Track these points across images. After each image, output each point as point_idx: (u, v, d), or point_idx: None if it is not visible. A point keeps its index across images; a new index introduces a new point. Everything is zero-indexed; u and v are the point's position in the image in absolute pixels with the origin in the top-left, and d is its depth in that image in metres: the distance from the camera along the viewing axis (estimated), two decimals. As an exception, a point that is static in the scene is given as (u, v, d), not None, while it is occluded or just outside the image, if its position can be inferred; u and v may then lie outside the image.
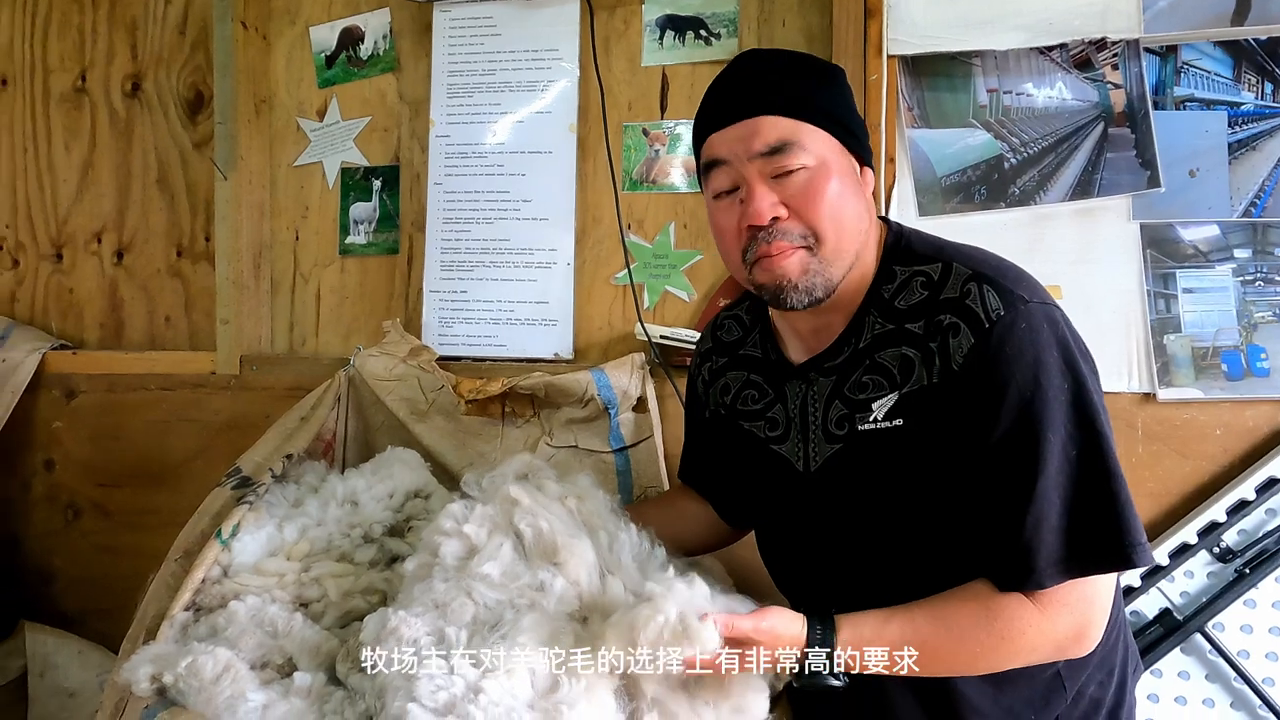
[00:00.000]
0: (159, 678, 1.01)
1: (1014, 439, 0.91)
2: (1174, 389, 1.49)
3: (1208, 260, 1.51)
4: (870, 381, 1.00)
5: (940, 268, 0.98)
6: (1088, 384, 0.92)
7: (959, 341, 0.93)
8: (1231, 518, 1.44)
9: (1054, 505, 0.90)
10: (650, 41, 1.73)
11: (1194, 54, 1.52)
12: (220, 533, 1.25)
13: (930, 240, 1.05)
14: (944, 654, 0.93)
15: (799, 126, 0.97)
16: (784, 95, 0.98)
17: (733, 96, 1.01)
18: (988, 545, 0.93)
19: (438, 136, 1.83)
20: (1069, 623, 0.92)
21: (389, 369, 1.71)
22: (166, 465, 1.92)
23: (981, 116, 1.59)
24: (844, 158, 1.00)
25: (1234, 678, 1.44)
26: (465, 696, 0.89)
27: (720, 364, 1.21)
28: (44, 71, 2.07)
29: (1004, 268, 0.98)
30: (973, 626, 0.92)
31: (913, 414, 0.96)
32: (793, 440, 1.08)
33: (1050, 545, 0.90)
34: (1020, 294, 0.93)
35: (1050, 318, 0.94)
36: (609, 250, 1.76)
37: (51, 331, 2.07)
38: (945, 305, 0.95)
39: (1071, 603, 0.91)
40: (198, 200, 2.01)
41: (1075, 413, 0.91)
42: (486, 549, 1.03)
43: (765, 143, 0.97)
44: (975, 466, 0.93)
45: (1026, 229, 1.56)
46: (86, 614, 1.94)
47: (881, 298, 1.01)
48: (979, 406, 0.92)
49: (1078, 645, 0.94)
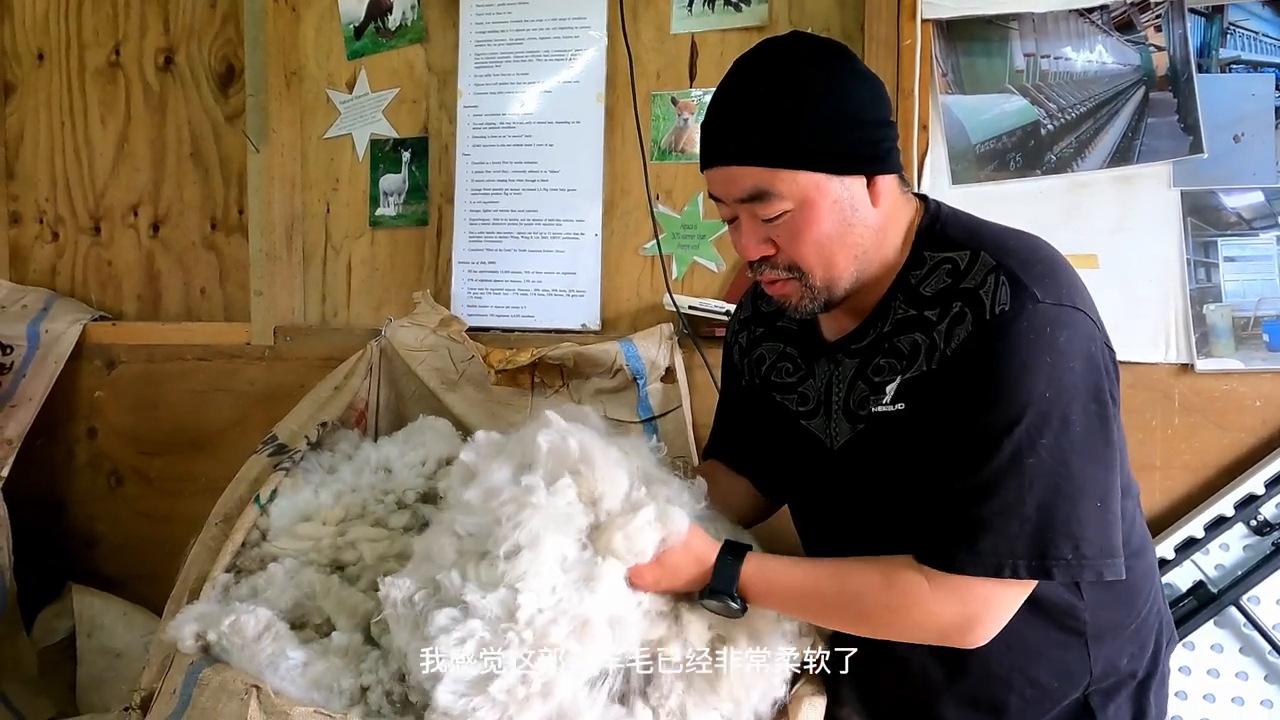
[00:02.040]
0: (203, 635, 1.04)
1: (977, 429, 0.91)
2: (1213, 359, 1.46)
3: (1251, 228, 1.47)
4: (886, 364, 1.00)
5: (969, 255, 0.96)
6: (1073, 398, 0.90)
7: (960, 330, 0.93)
8: (1270, 490, 1.42)
9: (987, 501, 0.90)
10: (679, 8, 1.71)
11: (1241, 14, 1.47)
12: (258, 498, 1.28)
13: (966, 224, 1.03)
14: (834, 609, 0.99)
15: (771, 174, 0.94)
16: (752, 145, 0.95)
17: (708, 141, 1.00)
18: (923, 517, 0.94)
19: (465, 107, 1.83)
20: (957, 613, 0.92)
21: (420, 339, 1.72)
22: (204, 433, 1.96)
23: (1018, 81, 1.55)
24: (829, 188, 0.95)
25: (1269, 651, 1.42)
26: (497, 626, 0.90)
27: (758, 334, 1.21)
28: (79, 46, 2.10)
29: (1033, 261, 0.95)
30: (867, 590, 0.96)
31: (912, 398, 0.97)
32: (820, 417, 1.08)
33: (965, 535, 0.90)
34: (1035, 291, 0.91)
35: (1058, 322, 0.90)
36: (637, 221, 1.75)
37: (91, 303, 2.11)
38: (961, 294, 0.94)
39: (964, 595, 0.91)
40: (230, 173, 2.03)
41: (1048, 423, 0.89)
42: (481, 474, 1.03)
43: (743, 189, 0.96)
44: (940, 445, 0.94)
45: (1063, 197, 1.53)
46: (129, 578, 2.00)
47: (909, 283, 1.00)
48: (959, 393, 0.92)
49: (963, 637, 0.94)
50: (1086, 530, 0.90)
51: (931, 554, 0.93)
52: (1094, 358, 0.93)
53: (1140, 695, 1.07)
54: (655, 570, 0.99)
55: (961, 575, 0.91)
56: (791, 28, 1.66)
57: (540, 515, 0.96)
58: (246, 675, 0.99)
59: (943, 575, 0.92)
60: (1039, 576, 0.91)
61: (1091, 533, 0.90)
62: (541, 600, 0.92)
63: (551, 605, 0.92)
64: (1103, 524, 0.91)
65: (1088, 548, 0.90)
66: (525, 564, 0.93)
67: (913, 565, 0.94)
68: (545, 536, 0.95)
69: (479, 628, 0.91)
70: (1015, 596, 0.94)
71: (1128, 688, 1.06)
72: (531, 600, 0.92)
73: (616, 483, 1.00)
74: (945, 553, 0.92)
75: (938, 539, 0.93)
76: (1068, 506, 0.89)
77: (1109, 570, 0.91)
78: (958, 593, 0.92)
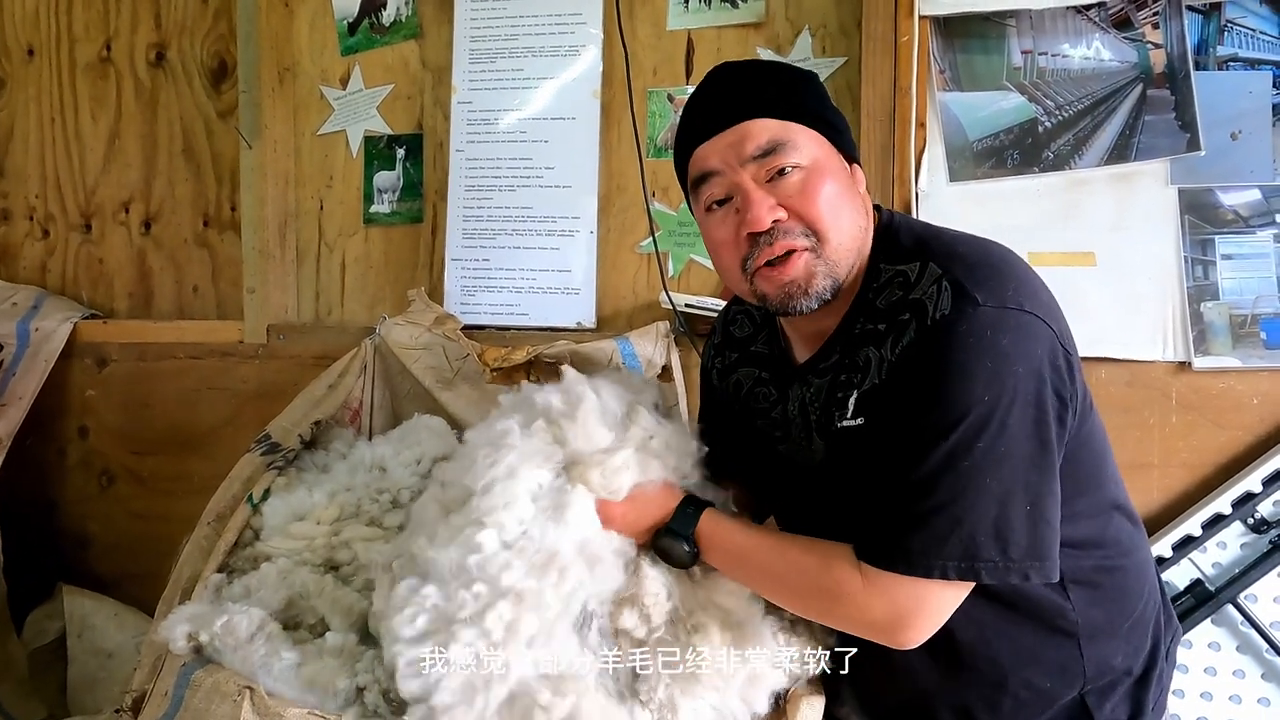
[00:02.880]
0: (195, 636, 1.03)
1: (915, 431, 0.90)
2: (1210, 357, 1.46)
3: (1248, 225, 1.47)
4: (846, 380, 1.00)
5: (918, 267, 0.96)
6: (1013, 401, 0.89)
7: (905, 337, 0.93)
8: (1267, 488, 1.42)
9: (921, 501, 0.89)
10: (675, 5, 1.70)
11: (1238, 11, 1.47)
12: (251, 497, 1.27)
13: (916, 232, 1.03)
14: (772, 580, 1.01)
15: (789, 126, 0.97)
16: (770, 97, 0.98)
17: (717, 105, 1.00)
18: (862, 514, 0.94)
19: (460, 103, 1.82)
20: (887, 610, 0.92)
21: (414, 337, 1.71)
22: (197, 432, 1.95)
23: (1015, 79, 1.55)
24: (834, 157, 1.00)
25: (1266, 649, 1.42)
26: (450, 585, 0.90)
27: (732, 360, 1.21)
28: (69, 41, 2.08)
29: (981, 266, 0.94)
30: (805, 570, 0.98)
31: (868, 411, 0.97)
32: (795, 439, 1.09)
33: (899, 535, 0.90)
34: (976, 296, 0.90)
35: (1000, 324, 0.89)
36: (633, 218, 1.75)
37: (82, 301, 2.09)
38: (909, 304, 0.94)
39: (895, 594, 0.91)
40: (223, 170, 2.01)
41: (985, 426, 0.88)
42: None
43: (757, 145, 0.96)
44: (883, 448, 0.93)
45: (1060, 195, 1.53)
46: (121, 578, 1.98)
47: (866, 298, 1.01)
48: (900, 397, 0.92)
49: (893, 636, 0.93)
50: (1014, 534, 0.89)
51: (866, 550, 0.93)
52: (1037, 360, 0.91)
53: (1137, 693, 1.06)
54: (623, 506, 1.02)
55: (893, 573, 0.91)
56: (788, 24, 1.66)
57: (515, 452, 0.99)
58: (239, 676, 0.98)
59: (875, 572, 0.92)
60: (968, 578, 0.90)
61: (1020, 536, 0.89)
62: (507, 533, 0.93)
63: (516, 537, 0.93)
64: (1032, 527, 0.90)
65: (1015, 550, 0.89)
66: (498, 495, 0.95)
67: (850, 558, 0.94)
68: (520, 468, 0.98)
69: (432, 594, 0.91)
70: (948, 598, 0.93)
71: (1124, 686, 1.06)
72: (492, 538, 0.92)
73: (593, 434, 1.03)
74: (879, 550, 0.92)
75: (873, 536, 0.93)
76: (997, 509, 0.89)
77: (1036, 573, 0.90)
78: (889, 591, 0.91)
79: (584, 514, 0.98)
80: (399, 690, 0.90)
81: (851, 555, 0.94)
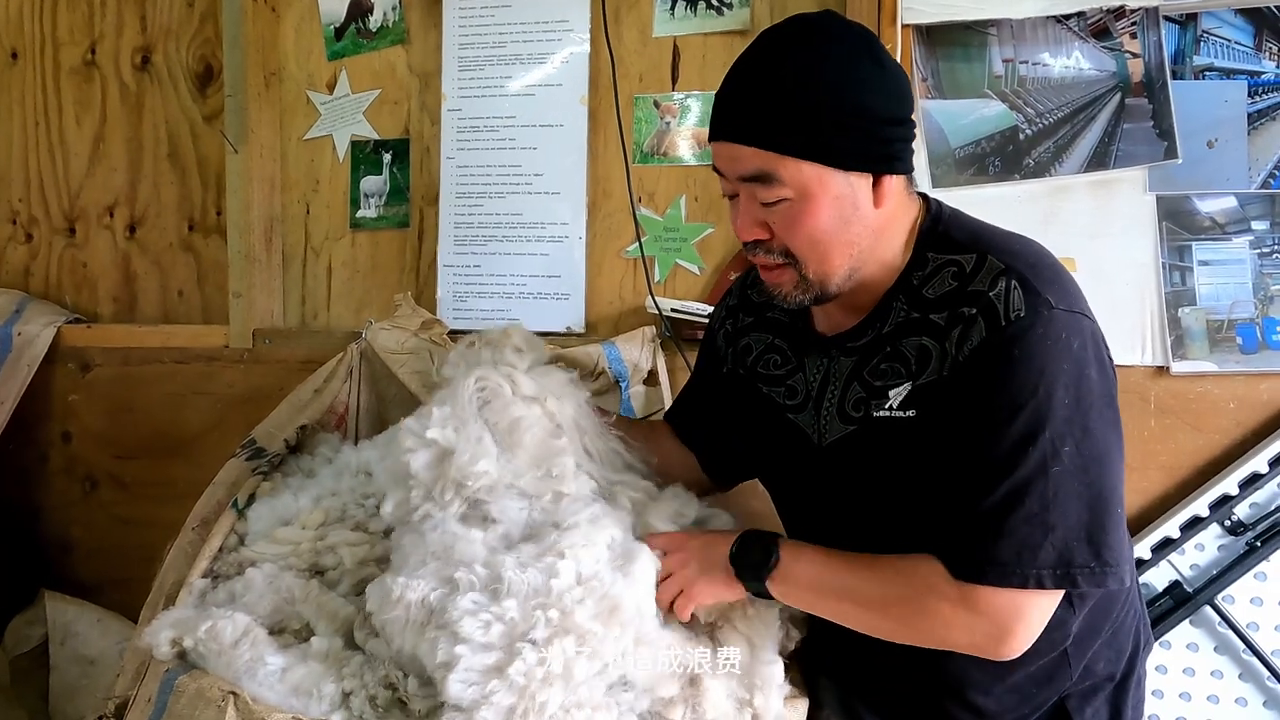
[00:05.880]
0: (179, 642, 1.02)
1: (1000, 439, 0.90)
2: (1188, 362, 1.48)
3: (1224, 232, 1.49)
4: (889, 369, 0.99)
5: (975, 258, 0.95)
6: (1091, 405, 0.90)
7: (973, 335, 0.92)
8: (1243, 491, 1.44)
9: (1013, 512, 0.89)
10: (661, 12, 1.72)
11: (1214, 22, 1.49)
12: (236, 502, 1.27)
13: (970, 226, 1.02)
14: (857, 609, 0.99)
15: (775, 160, 0.93)
16: (760, 127, 0.93)
17: (719, 112, 0.99)
18: (944, 527, 0.93)
19: (449, 110, 1.82)
20: (987, 627, 0.91)
21: (401, 342, 1.71)
22: (181, 437, 1.94)
23: (997, 87, 1.57)
24: (831, 180, 0.94)
25: (1243, 650, 1.44)
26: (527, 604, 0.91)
27: (745, 323, 1.20)
28: (53, 45, 2.07)
29: (1041, 266, 0.95)
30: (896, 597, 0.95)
31: (925, 405, 0.96)
32: (808, 412, 1.07)
33: (991, 548, 0.89)
34: (1048, 297, 0.90)
35: (1072, 328, 0.90)
36: (620, 224, 1.75)
37: (66, 305, 2.08)
38: (971, 297, 0.93)
39: (992, 607, 0.90)
40: (209, 174, 2.01)
41: (1070, 429, 0.89)
42: (461, 445, 1.02)
43: (744, 170, 0.96)
44: (956, 453, 0.93)
45: (1041, 201, 1.55)
46: (105, 584, 1.97)
47: (911, 284, 0.99)
48: (977, 401, 0.91)
49: (997, 649, 0.93)
50: (1108, 537, 0.90)
51: (958, 566, 0.91)
52: (1105, 363, 0.93)
53: (1117, 697, 1.08)
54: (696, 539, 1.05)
55: (989, 587, 0.90)
56: (773, 32, 1.67)
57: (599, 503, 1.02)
58: (223, 682, 0.97)
59: (970, 588, 0.90)
60: (1064, 586, 0.89)
61: (1112, 539, 0.90)
62: (583, 567, 0.94)
63: (590, 576, 0.94)
64: (1119, 530, 0.91)
65: (1109, 554, 0.89)
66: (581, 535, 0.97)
67: (941, 576, 0.92)
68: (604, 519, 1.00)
69: (512, 608, 0.92)
70: (1045, 606, 0.92)
71: (1104, 691, 1.07)
72: (570, 569, 0.93)
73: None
74: (971, 565, 0.90)
75: (962, 550, 0.91)
76: (1090, 515, 0.89)
77: (1128, 575, 0.91)
78: (987, 605, 0.90)
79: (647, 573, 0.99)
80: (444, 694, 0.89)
81: (941, 572, 0.92)
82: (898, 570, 0.96)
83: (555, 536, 0.98)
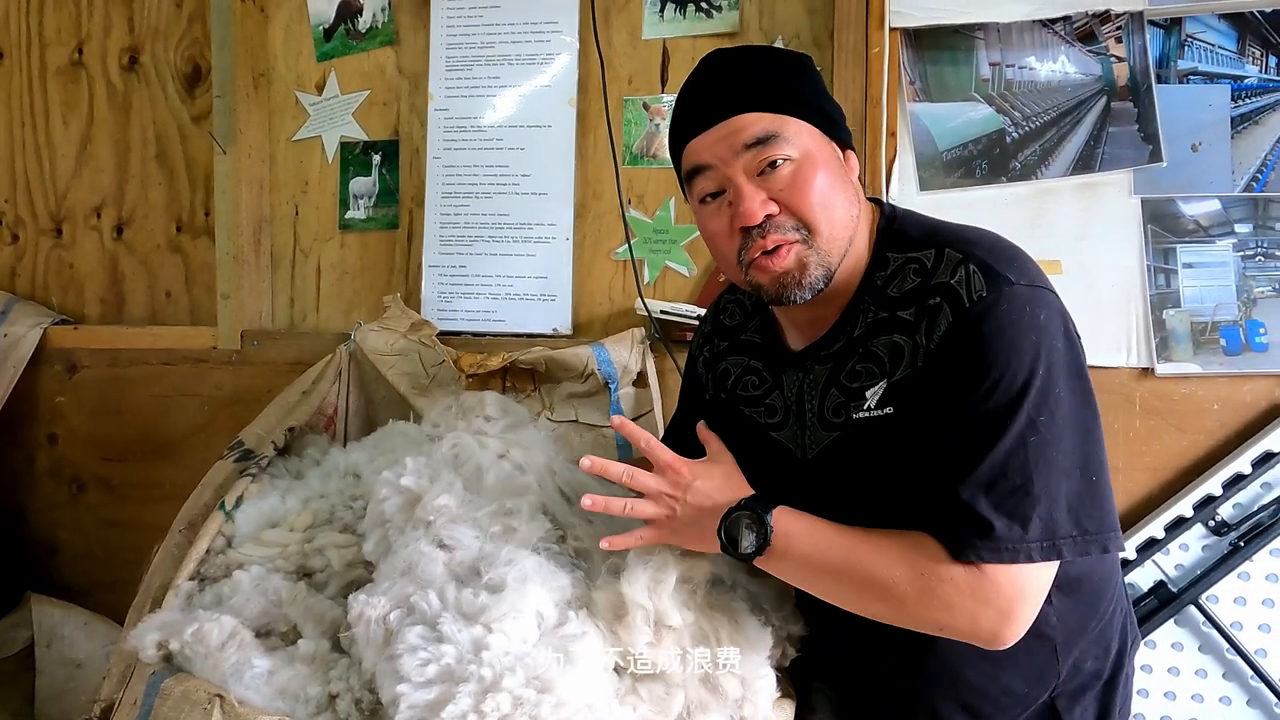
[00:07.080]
0: (165, 644, 1.02)
1: (975, 416, 0.90)
2: (1172, 364, 1.50)
3: (1208, 235, 1.50)
4: (863, 370, 1.00)
5: (933, 254, 0.97)
6: (1061, 374, 0.90)
7: (940, 322, 0.93)
8: (1227, 491, 1.45)
9: (992, 485, 0.89)
10: (651, 14, 1.72)
11: (1198, 26, 1.51)
12: (223, 504, 1.27)
13: (924, 223, 1.04)
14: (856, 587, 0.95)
15: (780, 119, 0.97)
16: (761, 90, 0.98)
17: (709, 98, 1.00)
18: (931, 507, 0.93)
19: (437, 110, 1.82)
20: (992, 608, 0.89)
21: (390, 344, 1.71)
22: (169, 439, 1.93)
23: (983, 90, 1.58)
24: (827, 146, 1.00)
25: (1227, 649, 1.45)
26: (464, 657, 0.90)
27: (721, 348, 1.21)
28: (40, 45, 2.06)
29: (998, 249, 0.96)
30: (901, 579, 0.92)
31: (901, 400, 0.96)
32: (790, 428, 1.08)
33: (980, 523, 0.88)
34: (1007, 275, 0.92)
35: (1036, 301, 0.91)
36: (609, 225, 1.76)
37: (52, 307, 2.07)
38: (935, 289, 0.95)
39: (995, 586, 0.89)
40: (197, 175, 2.00)
41: (1044, 399, 0.89)
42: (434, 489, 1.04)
43: (749, 137, 0.97)
44: (937, 436, 0.92)
45: (1028, 204, 1.56)
46: (91, 586, 1.96)
47: (875, 285, 1.01)
48: (949, 384, 0.92)
49: (997, 632, 0.91)
50: (1085, 505, 0.90)
51: (957, 549, 0.90)
52: (1072, 335, 0.95)
53: (1105, 696, 1.08)
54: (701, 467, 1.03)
55: (992, 565, 0.88)
56: (762, 34, 1.67)
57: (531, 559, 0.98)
58: (210, 684, 0.97)
59: (974, 569, 0.89)
60: (1051, 558, 0.89)
61: (1091, 508, 0.90)
62: (511, 645, 0.91)
63: (521, 655, 0.90)
64: (1098, 497, 0.91)
65: (1089, 523, 0.90)
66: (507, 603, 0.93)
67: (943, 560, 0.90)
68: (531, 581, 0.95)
69: (449, 653, 0.90)
70: (1040, 581, 0.91)
71: (1092, 689, 1.07)
72: (499, 643, 0.91)
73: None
74: (969, 546, 0.89)
75: (959, 533, 0.90)
76: (1067, 483, 0.89)
77: (1112, 543, 0.91)
78: (993, 586, 0.89)
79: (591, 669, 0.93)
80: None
81: (942, 555, 0.90)
82: (898, 551, 0.93)
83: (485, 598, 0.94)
